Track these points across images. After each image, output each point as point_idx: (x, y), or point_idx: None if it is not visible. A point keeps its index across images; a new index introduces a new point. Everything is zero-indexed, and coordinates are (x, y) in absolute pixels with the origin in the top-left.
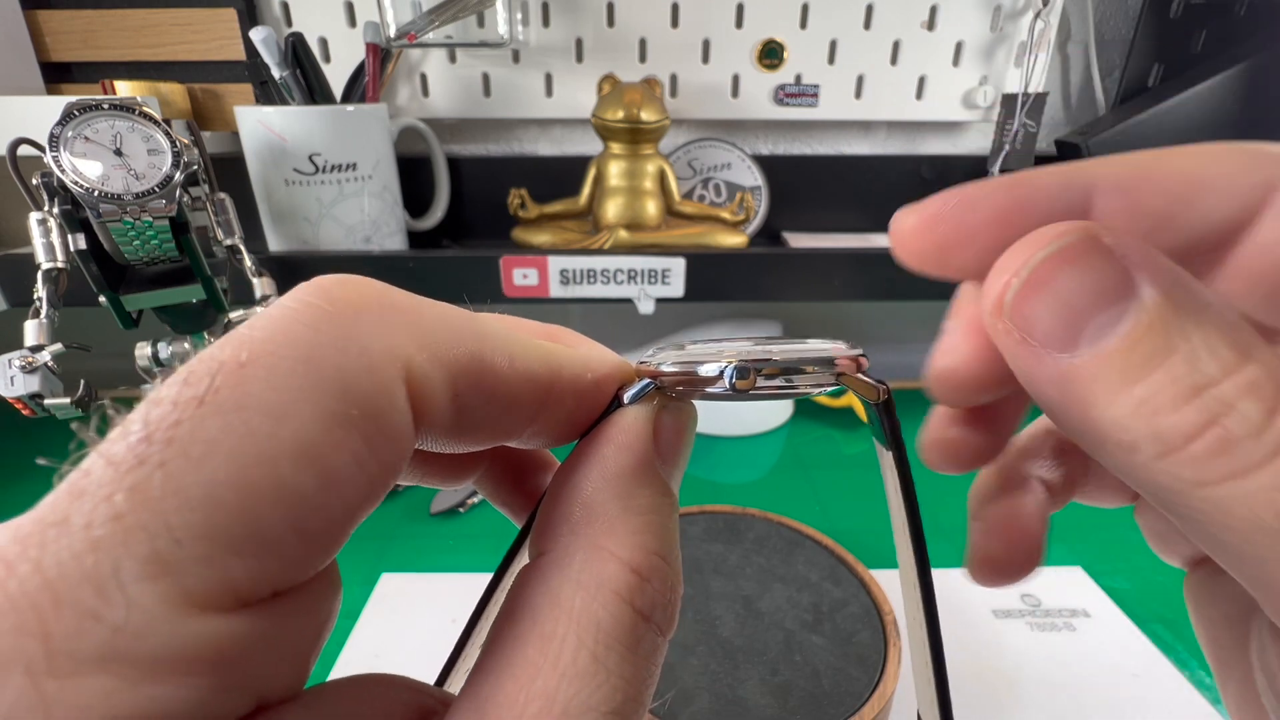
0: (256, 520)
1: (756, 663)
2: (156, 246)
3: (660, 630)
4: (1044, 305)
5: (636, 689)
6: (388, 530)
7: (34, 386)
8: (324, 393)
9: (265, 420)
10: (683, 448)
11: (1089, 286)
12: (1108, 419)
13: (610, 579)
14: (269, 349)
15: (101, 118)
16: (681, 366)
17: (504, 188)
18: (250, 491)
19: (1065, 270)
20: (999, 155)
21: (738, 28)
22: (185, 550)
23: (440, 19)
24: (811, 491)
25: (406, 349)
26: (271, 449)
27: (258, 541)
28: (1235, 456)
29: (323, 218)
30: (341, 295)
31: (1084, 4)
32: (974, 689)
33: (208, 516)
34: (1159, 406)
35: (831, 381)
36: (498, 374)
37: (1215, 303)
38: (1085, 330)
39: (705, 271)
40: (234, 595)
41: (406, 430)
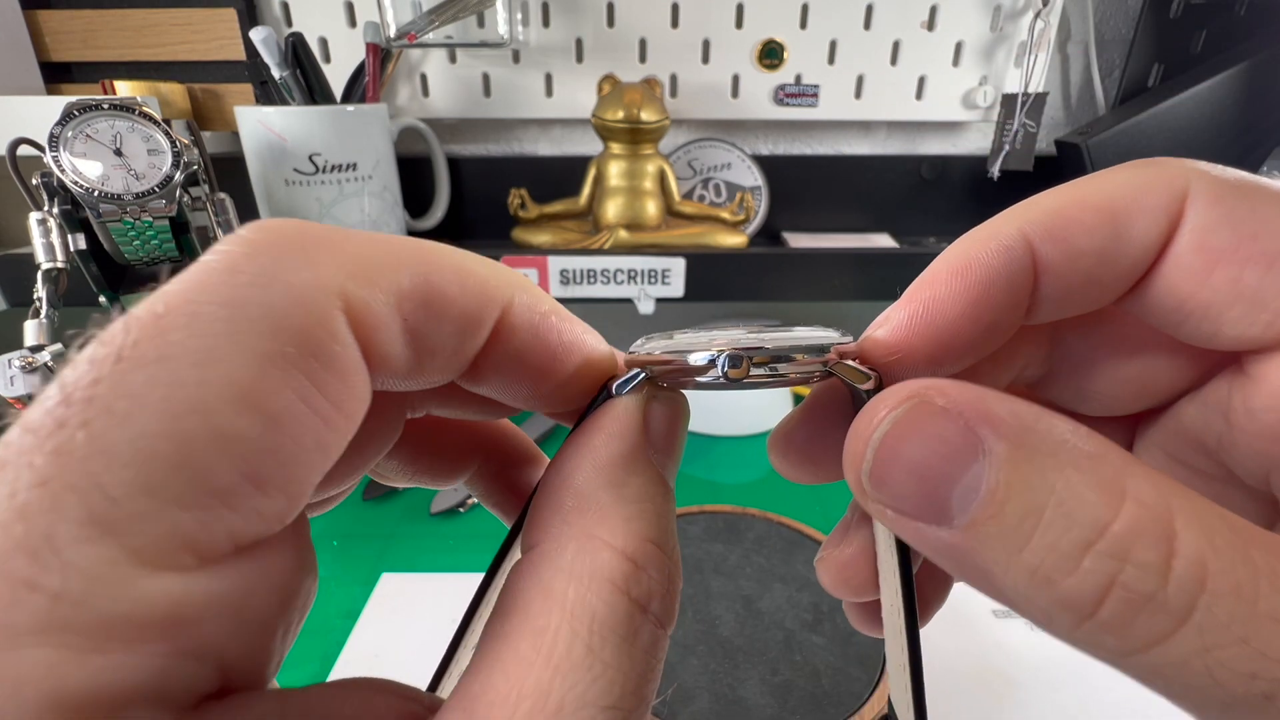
0: (199, 470)
1: (756, 662)
2: (156, 246)
3: (659, 622)
4: (901, 480)
5: (636, 683)
6: (388, 530)
7: (34, 386)
8: (252, 333)
9: (191, 368)
10: (676, 437)
11: (936, 453)
12: (1009, 589)
13: (604, 568)
14: (187, 298)
15: (101, 118)
16: (672, 356)
17: (504, 188)
18: (186, 441)
19: (908, 442)
20: (999, 155)
21: (738, 28)
22: (123, 507)
23: (440, 19)
24: (811, 491)
25: (338, 279)
26: (203, 395)
27: (205, 491)
28: (1150, 619)
29: (323, 218)
30: (260, 238)
31: (1084, 4)
32: (974, 689)
33: (142, 470)
34: (1052, 572)
35: (823, 369)
36: (447, 296)
37: (1071, 437)
38: (951, 499)
39: (705, 271)
40: (190, 551)
41: (355, 364)
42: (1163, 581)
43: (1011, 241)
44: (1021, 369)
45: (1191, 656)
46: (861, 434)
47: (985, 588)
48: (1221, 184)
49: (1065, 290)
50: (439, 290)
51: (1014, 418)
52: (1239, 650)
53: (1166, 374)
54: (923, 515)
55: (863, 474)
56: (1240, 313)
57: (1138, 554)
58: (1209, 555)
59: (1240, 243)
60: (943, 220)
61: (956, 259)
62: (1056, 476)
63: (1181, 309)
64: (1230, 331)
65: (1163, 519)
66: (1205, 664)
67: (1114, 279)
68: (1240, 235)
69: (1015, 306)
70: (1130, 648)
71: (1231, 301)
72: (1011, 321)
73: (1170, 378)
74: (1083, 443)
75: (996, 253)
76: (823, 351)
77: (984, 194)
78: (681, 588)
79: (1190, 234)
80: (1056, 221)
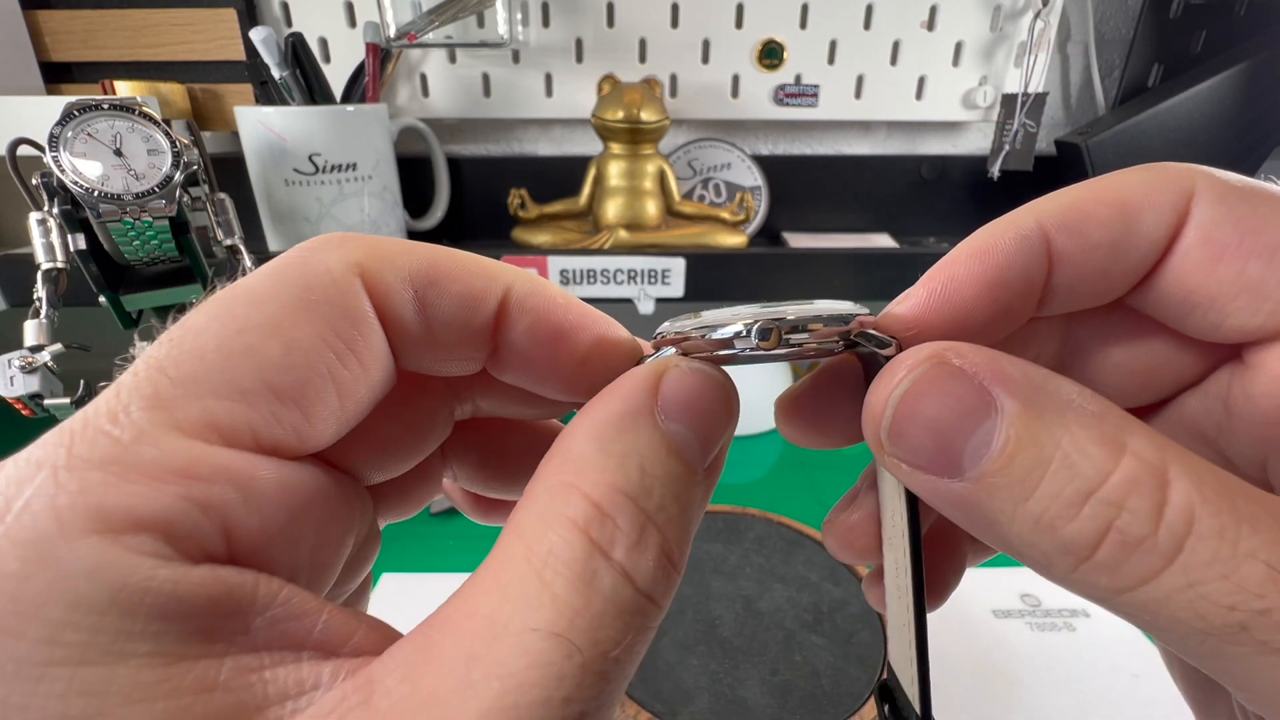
0: (231, 372)
1: (756, 663)
2: (156, 247)
3: (628, 576)
4: (917, 436)
5: (590, 625)
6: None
7: (34, 387)
8: (289, 288)
9: (243, 306)
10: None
11: (952, 410)
12: (1014, 536)
13: (568, 508)
14: (251, 278)
15: (101, 118)
16: (702, 330)
17: (504, 188)
18: (227, 352)
19: (926, 400)
20: (999, 155)
21: (738, 28)
22: (176, 390)
23: (440, 19)
24: (811, 491)
25: (358, 255)
26: (245, 324)
27: (233, 389)
28: (1141, 559)
29: (323, 218)
30: (306, 242)
31: (1084, 4)
32: (974, 689)
33: (194, 368)
34: (1055, 519)
35: (846, 339)
36: (452, 275)
37: (1077, 397)
38: (963, 454)
39: (705, 271)
40: (214, 429)
41: (368, 317)
42: (1154, 526)
43: (1029, 231)
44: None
45: (1177, 592)
46: (882, 392)
47: (991, 536)
48: (1225, 184)
49: (1078, 280)
50: (444, 270)
51: (1025, 378)
52: (1219, 585)
53: (1172, 367)
54: (936, 468)
55: (882, 430)
56: (1243, 303)
57: (1133, 501)
58: (1197, 502)
59: (1244, 237)
60: (943, 220)
61: (977, 244)
62: (1063, 432)
63: (1188, 300)
64: (1233, 322)
65: (1158, 471)
66: (1188, 598)
67: (1124, 271)
68: (1243, 230)
69: (1029, 293)
70: (1122, 585)
71: (1235, 293)
72: (1025, 307)
73: (1175, 371)
74: (1088, 403)
75: (1014, 240)
76: (846, 321)
77: (984, 194)
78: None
79: (1196, 229)
80: (1072, 215)
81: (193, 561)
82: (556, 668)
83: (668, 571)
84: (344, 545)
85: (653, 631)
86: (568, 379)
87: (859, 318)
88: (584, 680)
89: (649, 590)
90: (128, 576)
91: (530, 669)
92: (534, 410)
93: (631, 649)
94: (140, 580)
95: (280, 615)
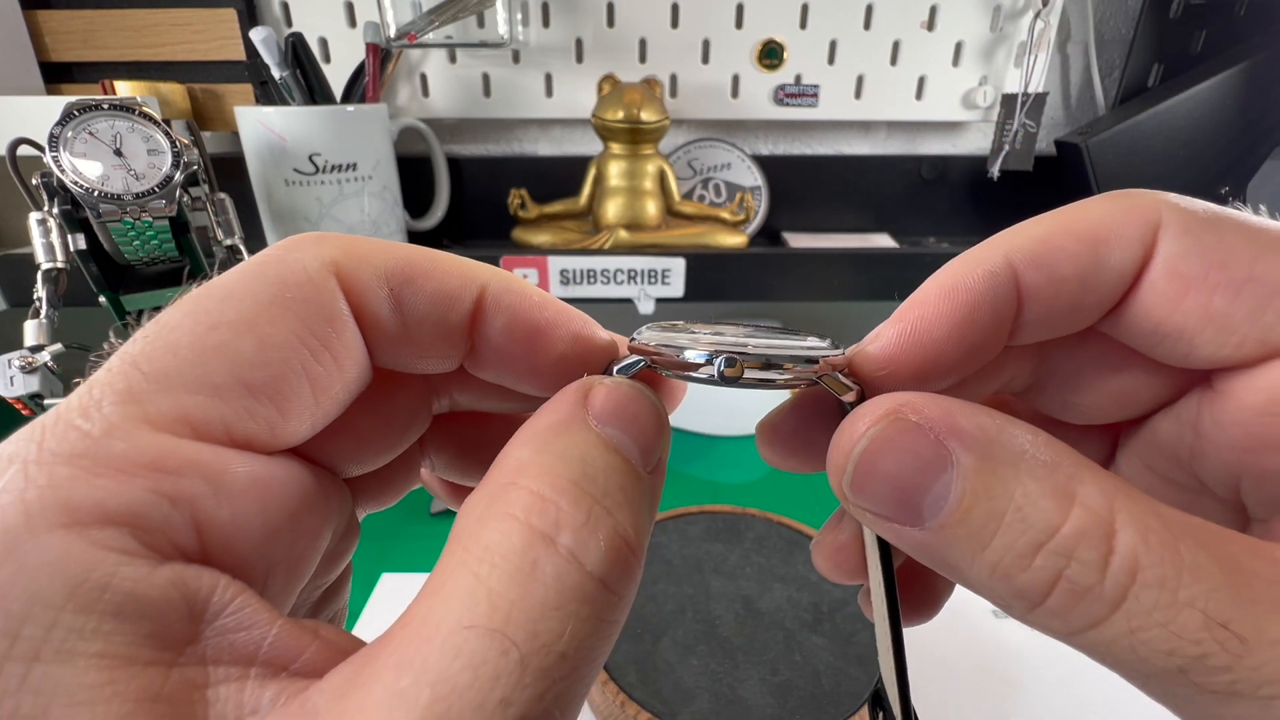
0: (205, 368)
1: (756, 663)
2: (156, 246)
3: (575, 559)
4: (878, 489)
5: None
6: (388, 530)
7: (34, 386)
8: (264, 285)
9: (217, 303)
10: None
11: (910, 466)
12: (973, 581)
13: (507, 504)
14: (227, 275)
15: (101, 118)
16: (668, 349)
17: (504, 188)
18: (201, 348)
19: (884, 456)
20: (999, 155)
21: (738, 28)
22: (149, 385)
23: (440, 19)
24: (811, 491)
25: (334, 254)
26: (219, 320)
27: (207, 385)
28: (1088, 607)
29: (323, 218)
30: (285, 241)
31: (1084, 4)
32: (974, 689)
33: (167, 363)
34: (1009, 568)
35: (812, 379)
36: (428, 273)
37: (1030, 447)
38: (923, 505)
39: (705, 271)
40: (185, 424)
41: (342, 314)
42: (1101, 575)
43: (997, 268)
44: (1008, 380)
45: (1120, 637)
46: (843, 448)
47: (953, 577)
48: (1191, 215)
49: (1047, 313)
50: (420, 269)
51: (980, 431)
52: (1159, 632)
53: (1144, 389)
54: (898, 518)
55: (845, 483)
56: (1211, 335)
57: (1081, 552)
58: (1141, 552)
59: (1209, 270)
60: (942, 220)
61: (945, 282)
62: (1015, 485)
63: (1157, 331)
64: (1202, 353)
65: (1105, 521)
66: (1131, 643)
67: (1093, 303)
68: (1209, 263)
69: (999, 329)
70: (1071, 629)
71: (1202, 325)
72: (996, 342)
73: (1147, 393)
74: (1040, 452)
75: (983, 278)
76: (812, 363)
77: (984, 194)
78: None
79: (1163, 262)
80: (1040, 249)
81: (161, 556)
82: (491, 666)
83: (623, 555)
84: (320, 538)
85: (612, 625)
86: (545, 377)
87: (825, 359)
88: (524, 679)
89: (601, 574)
90: (89, 571)
91: (463, 671)
92: (511, 405)
93: (583, 642)
94: (100, 576)
95: (231, 625)
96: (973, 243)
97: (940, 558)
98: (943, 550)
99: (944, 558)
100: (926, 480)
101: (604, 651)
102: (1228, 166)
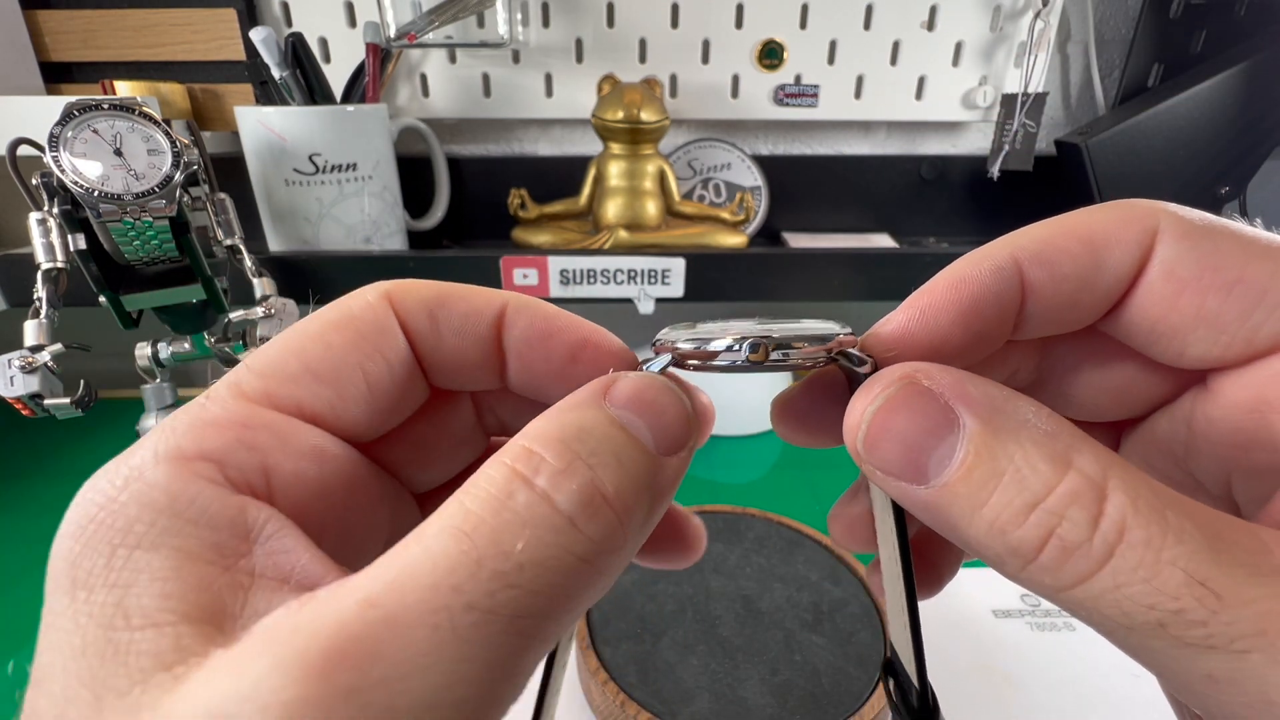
0: (285, 363)
1: (756, 662)
2: (156, 246)
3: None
4: (889, 447)
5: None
6: None
7: (34, 386)
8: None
9: (303, 324)
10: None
11: (919, 426)
12: (971, 538)
13: (503, 454)
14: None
15: (101, 118)
16: (697, 342)
17: (504, 188)
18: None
19: (896, 416)
20: (999, 155)
21: (737, 28)
22: (248, 374)
23: (440, 19)
24: (811, 491)
25: (387, 288)
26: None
27: (285, 374)
28: (1077, 563)
29: (323, 218)
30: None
31: (1084, 4)
32: (974, 689)
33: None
34: (1005, 525)
35: (827, 355)
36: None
37: (1033, 417)
38: (929, 464)
39: (705, 271)
40: (270, 400)
41: (390, 326)
42: (1090, 534)
43: (1003, 263)
44: (1013, 373)
45: (1106, 592)
46: (858, 407)
47: (953, 536)
48: (1187, 222)
49: (1049, 310)
50: (454, 294)
51: (986, 398)
52: (1142, 588)
53: (1142, 388)
54: (905, 476)
55: (858, 441)
56: (1203, 334)
57: (1073, 513)
58: (1130, 514)
59: (1203, 273)
60: (942, 220)
61: (954, 274)
62: (1016, 450)
63: (1153, 331)
64: (1194, 351)
65: (1098, 485)
66: (1115, 598)
67: (1093, 302)
68: (1203, 266)
69: (1003, 320)
70: (1060, 585)
71: (1195, 325)
72: (999, 333)
73: (1146, 391)
74: (1043, 422)
75: (989, 271)
76: (827, 340)
77: (984, 194)
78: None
79: (1160, 264)
80: (1044, 248)
81: (235, 489)
82: (450, 559)
83: (597, 504)
84: (375, 520)
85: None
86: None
87: (839, 337)
88: (478, 574)
89: (570, 513)
90: (183, 489)
91: (423, 558)
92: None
93: (544, 564)
94: (190, 495)
95: (275, 549)
96: (973, 243)
97: (942, 517)
98: (945, 508)
99: (945, 516)
100: (933, 441)
101: (571, 589)
102: (1228, 166)
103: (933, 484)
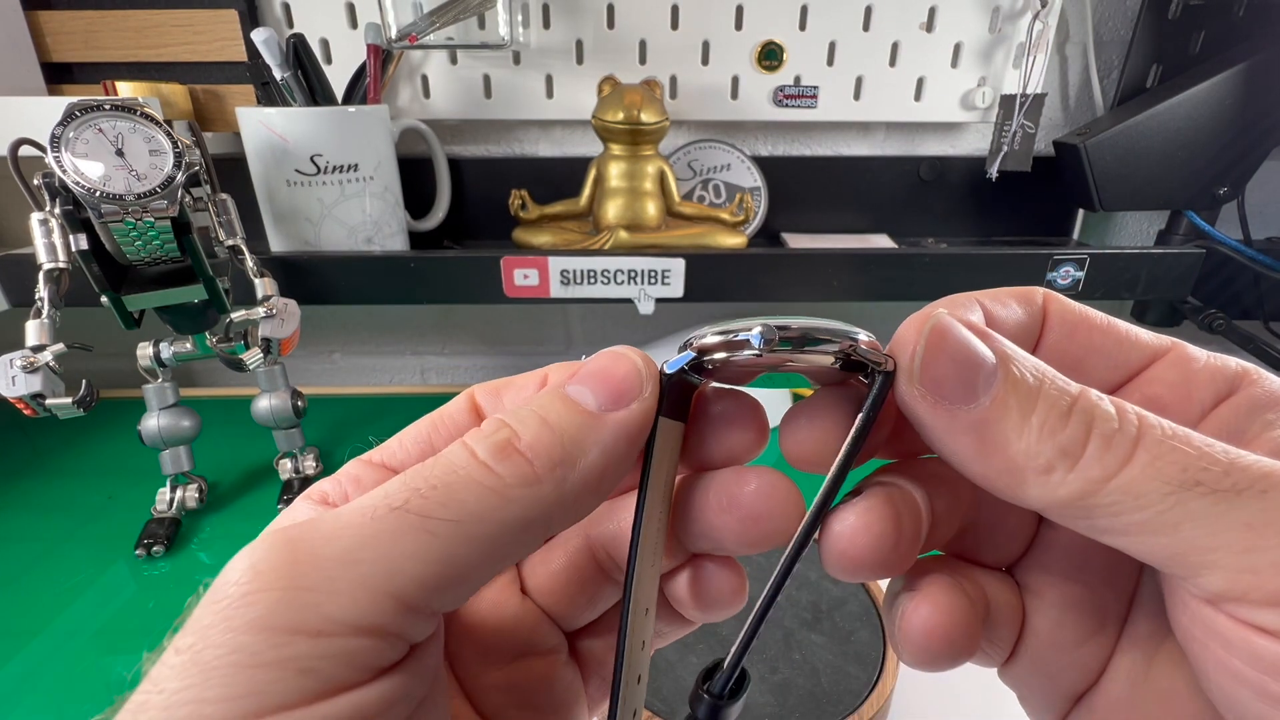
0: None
1: (756, 662)
2: (158, 247)
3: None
4: (941, 369)
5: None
6: None
7: (36, 386)
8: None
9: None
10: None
11: (969, 347)
12: (1022, 450)
13: None
14: None
15: (103, 118)
16: (725, 336)
17: (505, 189)
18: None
19: (949, 337)
20: (997, 156)
21: (737, 29)
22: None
23: (441, 21)
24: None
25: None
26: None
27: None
28: (1118, 448)
29: (324, 218)
30: None
31: (1082, 5)
32: (974, 689)
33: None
34: (1054, 426)
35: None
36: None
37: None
38: (977, 383)
39: (705, 272)
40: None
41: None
42: (1121, 421)
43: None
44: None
45: (1146, 465)
46: (913, 326)
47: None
48: None
49: None
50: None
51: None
52: (1173, 456)
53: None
54: (956, 397)
55: (915, 360)
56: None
57: (1102, 408)
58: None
59: None
60: (941, 221)
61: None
62: (1041, 374)
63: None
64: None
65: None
66: (1155, 470)
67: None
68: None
69: None
70: (1107, 472)
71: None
72: None
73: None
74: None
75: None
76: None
77: (982, 195)
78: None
79: None
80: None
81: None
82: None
83: (508, 452)
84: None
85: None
86: None
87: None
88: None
89: (486, 459)
90: None
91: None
92: None
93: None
94: None
95: None
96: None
97: (988, 434)
98: (994, 423)
99: (993, 432)
100: (982, 359)
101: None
102: (1226, 167)
103: (982, 401)
